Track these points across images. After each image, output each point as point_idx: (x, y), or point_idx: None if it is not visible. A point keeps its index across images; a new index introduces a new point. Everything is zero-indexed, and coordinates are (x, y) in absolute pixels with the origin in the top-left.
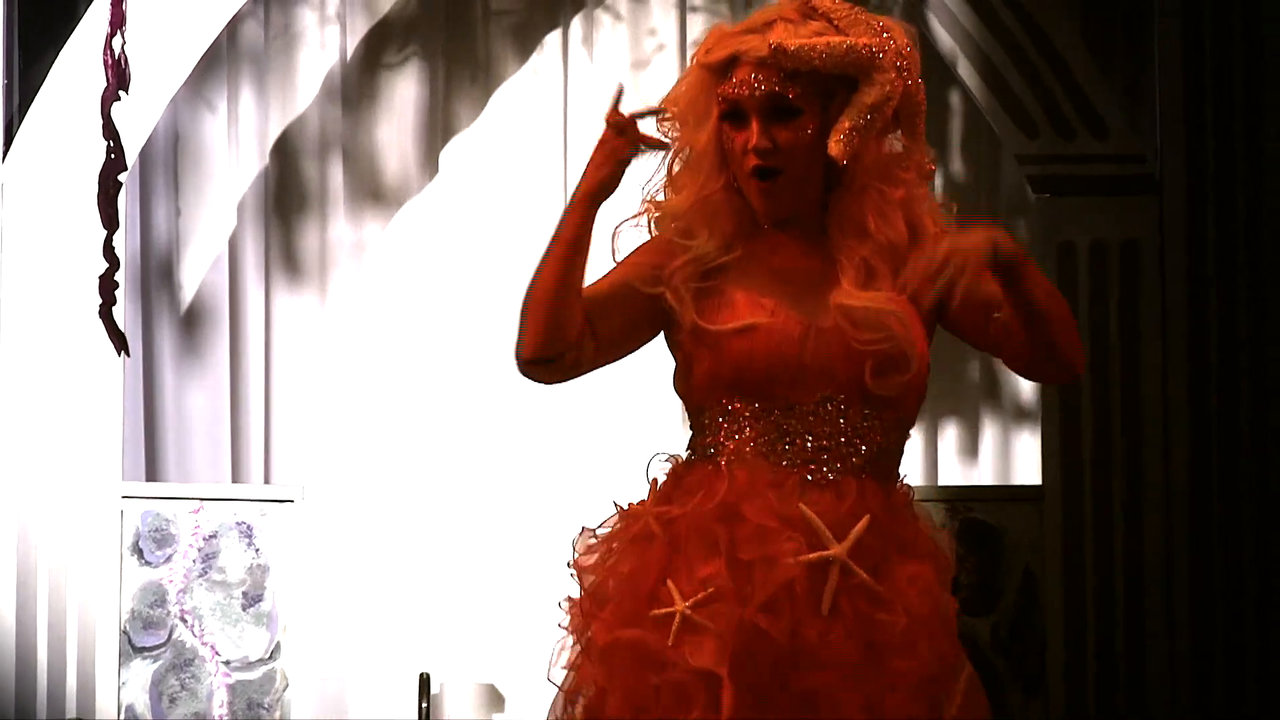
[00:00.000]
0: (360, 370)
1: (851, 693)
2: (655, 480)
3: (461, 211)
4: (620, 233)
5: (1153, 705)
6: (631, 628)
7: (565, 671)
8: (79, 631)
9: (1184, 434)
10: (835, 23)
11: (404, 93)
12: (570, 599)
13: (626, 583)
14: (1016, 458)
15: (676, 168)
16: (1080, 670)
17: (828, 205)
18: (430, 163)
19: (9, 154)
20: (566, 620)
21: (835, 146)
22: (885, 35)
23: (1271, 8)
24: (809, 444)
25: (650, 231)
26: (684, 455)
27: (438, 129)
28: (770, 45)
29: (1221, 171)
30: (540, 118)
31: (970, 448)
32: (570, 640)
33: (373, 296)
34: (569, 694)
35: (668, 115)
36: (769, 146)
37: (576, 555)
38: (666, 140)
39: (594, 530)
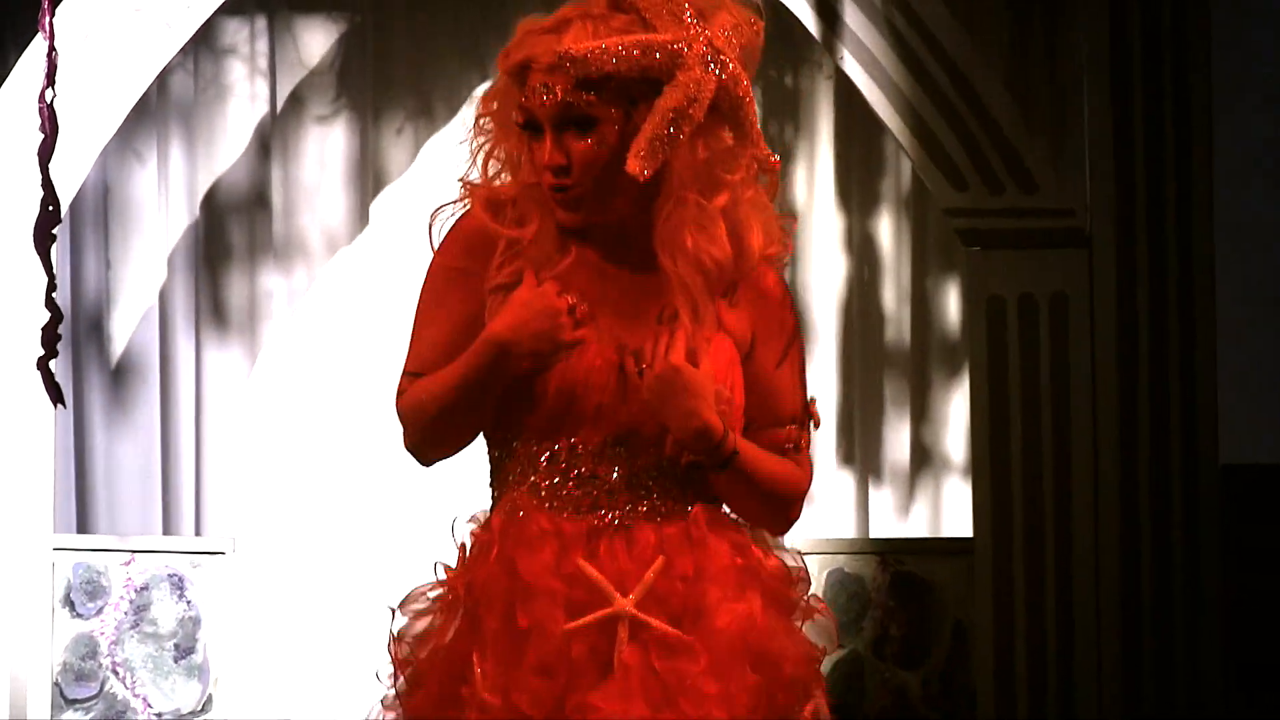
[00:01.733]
0: (291, 422)
1: None
2: (462, 545)
3: (392, 262)
4: (438, 218)
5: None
6: (449, 709)
7: None
8: (10, 683)
9: (1114, 487)
10: (644, 16)
11: (334, 144)
12: (390, 674)
13: (443, 659)
14: (946, 510)
15: (491, 168)
16: None
17: (648, 221)
18: (361, 214)
19: None
20: (386, 693)
21: (633, 162)
22: (694, 27)
23: (1197, 60)
24: (599, 489)
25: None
26: (483, 514)
27: (368, 180)
28: (557, 51)
29: (1152, 224)
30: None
31: (902, 501)
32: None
33: (303, 348)
34: None
35: (481, 115)
36: (562, 161)
37: (399, 625)
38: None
39: (422, 593)
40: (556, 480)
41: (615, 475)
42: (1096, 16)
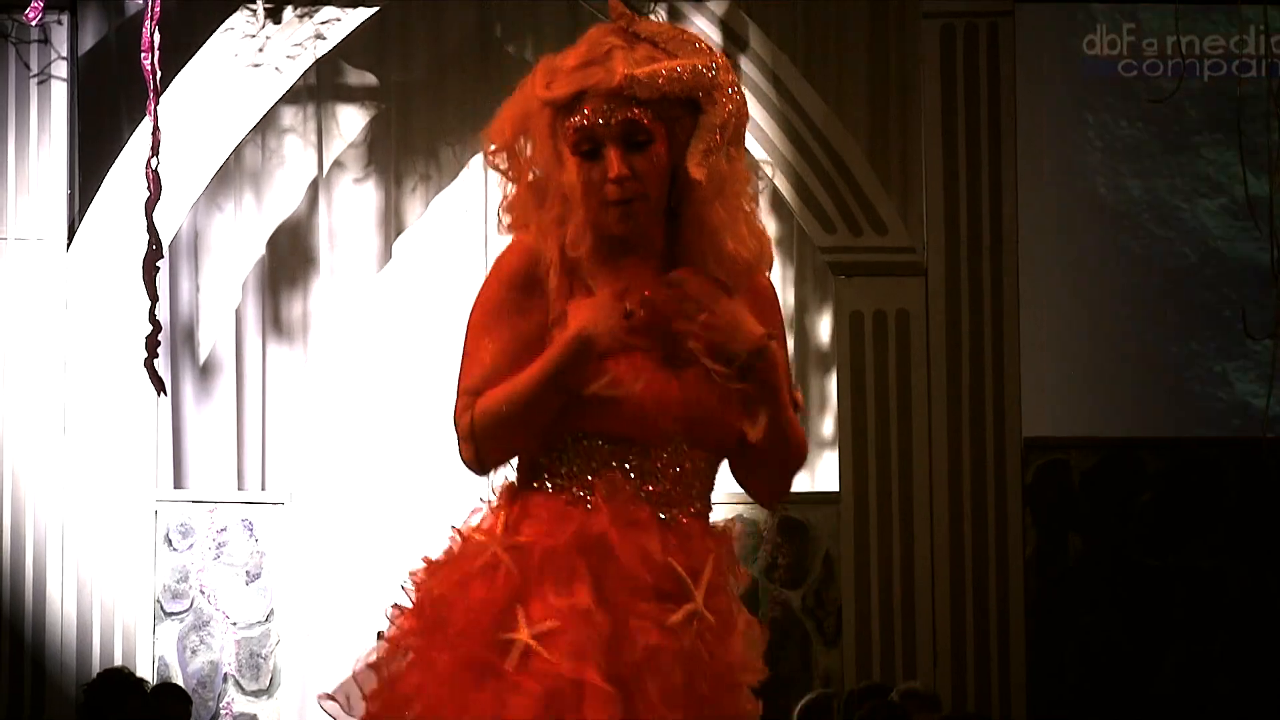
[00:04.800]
0: (335, 406)
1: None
2: (498, 510)
3: (410, 286)
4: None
5: (921, 654)
6: (479, 655)
7: (381, 678)
8: (123, 602)
9: (944, 454)
10: (662, 46)
11: (366, 199)
12: (398, 608)
13: (476, 610)
14: (820, 471)
15: (508, 205)
16: (867, 629)
17: (672, 232)
18: (386, 251)
19: (72, 246)
20: (390, 628)
21: (698, 170)
22: (713, 53)
23: (1007, 139)
24: (660, 486)
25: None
26: (517, 483)
27: (391, 226)
28: (623, 76)
29: (971, 260)
30: (467, 218)
31: None
32: (386, 649)
33: (343, 351)
34: (394, 707)
35: (493, 148)
36: (629, 174)
37: (416, 575)
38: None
39: (436, 560)
40: (625, 476)
41: (670, 475)
42: (932, 105)
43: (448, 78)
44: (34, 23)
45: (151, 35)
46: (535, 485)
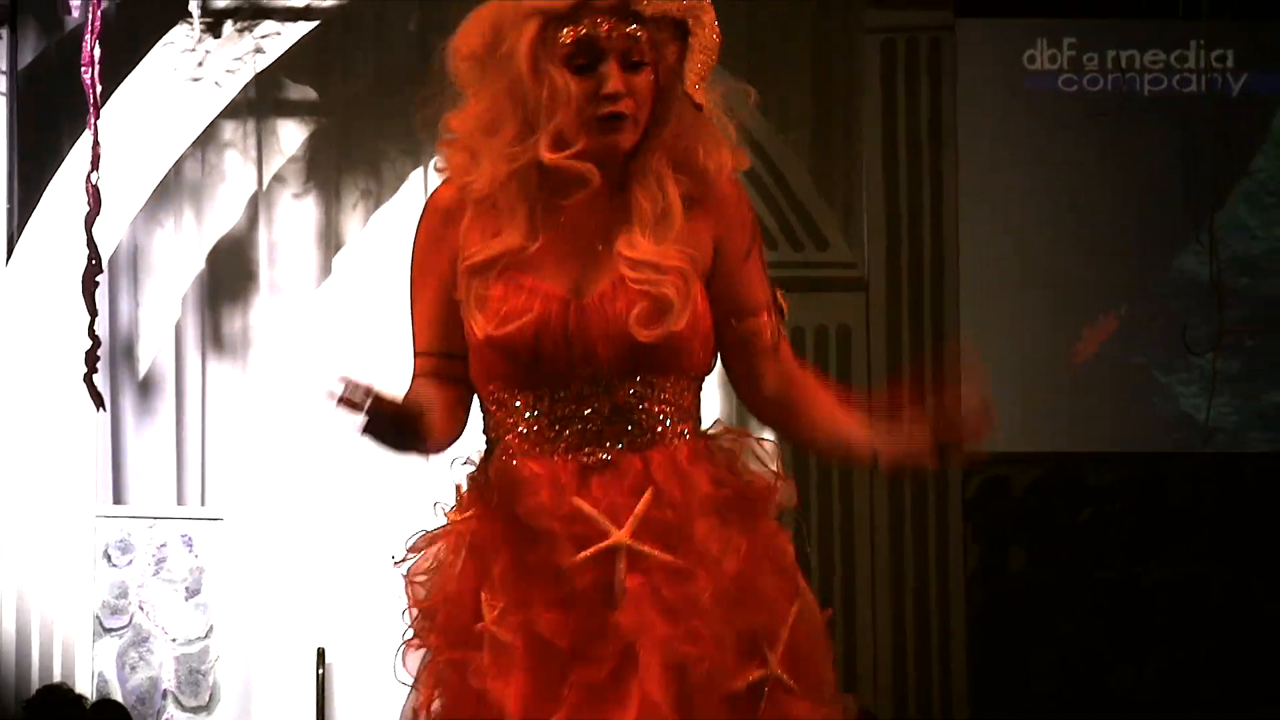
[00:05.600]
0: (275, 420)
1: (654, 659)
2: (459, 487)
3: (350, 302)
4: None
5: (862, 669)
6: (459, 648)
7: (415, 678)
8: (62, 618)
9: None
10: None
11: (306, 214)
12: (410, 614)
13: (453, 601)
14: None
15: (459, 121)
16: None
17: (638, 152)
18: (326, 266)
19: (10, 261)
20: (410, 630)
21: (699, 94)
22: None
23: (948, 157)
24: (583, 426)
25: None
26: (477, 458)
27: (331, 241)
28: None
29: (912, 276)
30: (406, 233)
31: None
32: (413, 649)
33: (282, 366)
34: (424, 699)
35: (461, 58)
36: (626, 91)
37: (409, 566)
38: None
39: (428, 535)
40: (544, 424)
41: (596, 412)
42: (873, 120)
43: (389, 92)
44: None
45: (92, 49)
46: (482, 451)
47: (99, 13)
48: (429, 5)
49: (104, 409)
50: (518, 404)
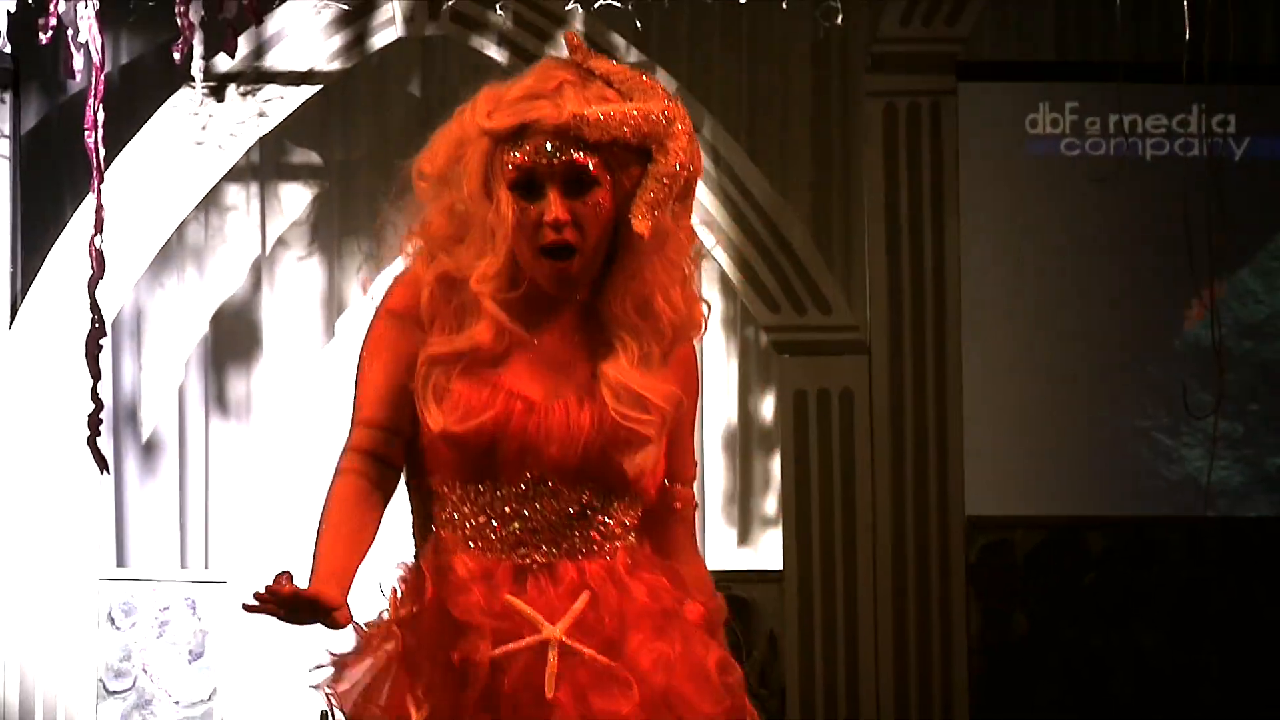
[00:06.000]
0: (276, 482)
1: None
2: (393, 590)
3: (351, 363)
4: (371, 283)
5: (864, 716)
6: None
7: None
8: (65, 681)
9: (888, 531)
10: (616, 86)
11: (309, 277)
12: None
13: (388, 702)
14: (764, 549)
15: (424, 230)
16: (811, 709)
17: (604, 279)
18: (329, 329)
19: (14, 324)
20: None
21: (641, 223)
22: (671, 100)
23: (950, 221)
24: (521, 526)
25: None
26: (409, 559)
27: (334, 304)
28: (570, 114)
29: (915, 339)
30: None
31: (731, 542)
32: None
33: (286, 428)
34: None
35: (424, 175)
36: (569, 219)
37: (331, 686)
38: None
39: (342, 657)
40: (481, 521)
41: (538, 515)
42: (875, 184)
43: (391, 156)
44: None
45: (95, 113)
46: (418, 541)
47: (102, 77)
48: (430, 70)
49: (107, 471)
50: (455, 497)
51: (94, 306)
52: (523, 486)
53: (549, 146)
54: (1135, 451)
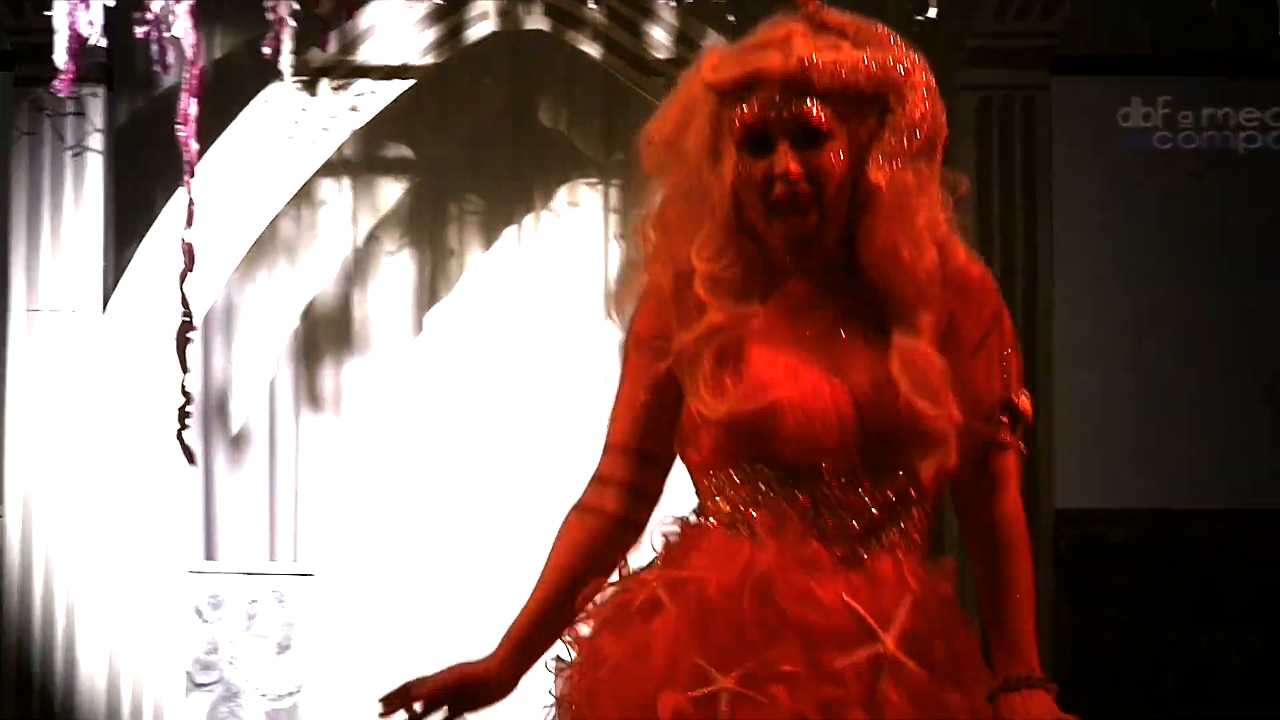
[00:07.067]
0: (365, 475)
1: None
2: (666, 541)
3: (440, 358)
4: (621, 302)
5: None
6: (645, 710)
7: None
8: (153, 673)
9: None
10: (850, 37)
11: (399, 271)
12: (560, 661)
13: (630, 661)
14: None
15: (659, 208)
16: None
17: (851, 239)
18: (418, 323)
19: (105, 318)
20: (557, 687)
21: (879, 173)
22: (908, 51)
23: (1045, 207)
24: (840, 519)
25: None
26: (692, 518)
27: (424, 298)
28: (799, 61)
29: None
30: (500, 290)
31: None
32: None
33: (376, 422)
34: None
35: (651, 142)
36: (801, 173)
37: (577, 625)
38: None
39: (597, 608)
40: (799, 508)
41: (856, 508)
42: (969, 177)
43: (482, 151)
44: (64, 94)
45: (188, 107)
46: (702, 519)
47: (196, 71)
48: (523, 65)
49: (196, 464)
50: (766, 481)
51: (183, 301)
52: (840, 478)
53: (777, 98)
54: (1235, 442)
